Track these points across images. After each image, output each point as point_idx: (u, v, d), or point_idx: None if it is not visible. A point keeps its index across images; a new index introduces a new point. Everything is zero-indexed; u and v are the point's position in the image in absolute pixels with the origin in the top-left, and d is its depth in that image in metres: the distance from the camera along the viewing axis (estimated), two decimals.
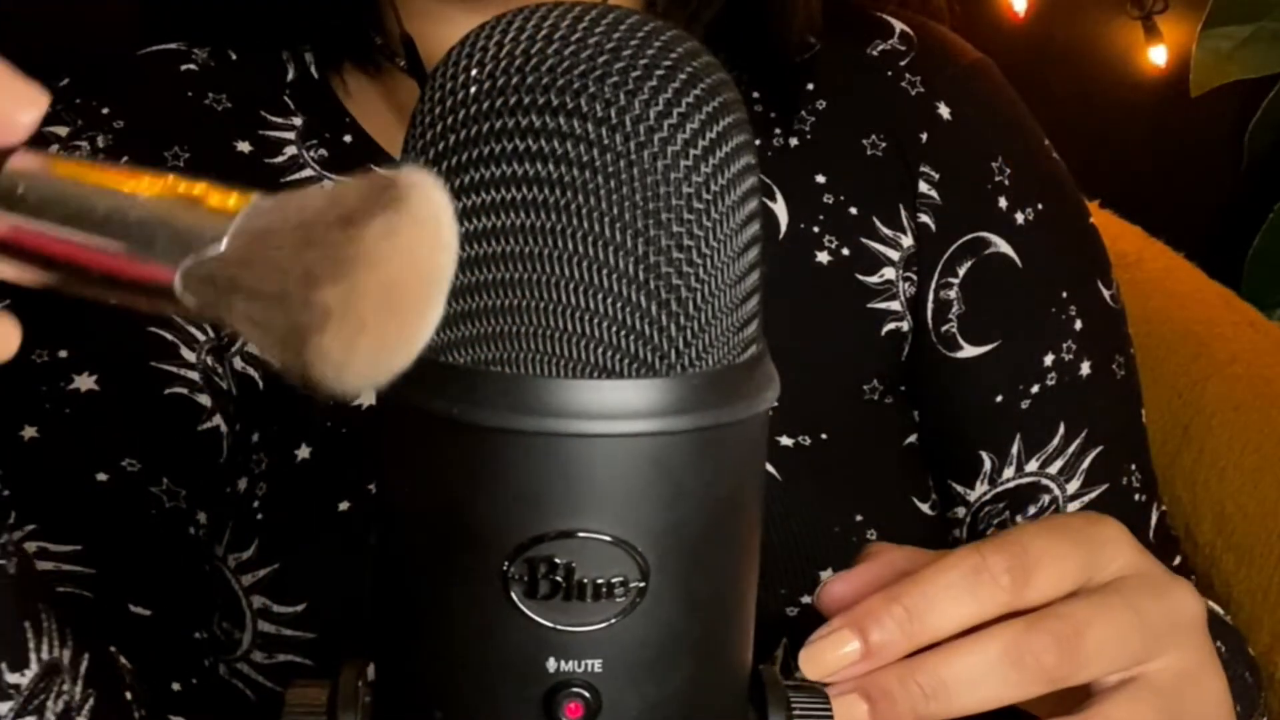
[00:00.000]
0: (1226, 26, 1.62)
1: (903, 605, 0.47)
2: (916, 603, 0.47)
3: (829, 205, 0.78)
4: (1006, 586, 0.48)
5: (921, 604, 0.47)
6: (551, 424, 0.33)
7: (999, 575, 0.48)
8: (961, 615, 0.48)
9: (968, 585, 0.48)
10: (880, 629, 0.47)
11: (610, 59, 0.34)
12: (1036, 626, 0.48)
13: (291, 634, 0.69)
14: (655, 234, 0.33)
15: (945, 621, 0.47)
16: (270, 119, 0.77)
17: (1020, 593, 0.48)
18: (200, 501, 0.71)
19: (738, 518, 0.36)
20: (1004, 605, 0.48)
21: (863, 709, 0.46)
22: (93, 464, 0.71)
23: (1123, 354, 0.82)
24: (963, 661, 0.47)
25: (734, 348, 0.36)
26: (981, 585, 0.48)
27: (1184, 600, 0.52)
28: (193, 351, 0.72)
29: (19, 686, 0.57)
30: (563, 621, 0.34)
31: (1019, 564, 0.48)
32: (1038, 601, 0.49)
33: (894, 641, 0.47)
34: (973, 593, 0.48)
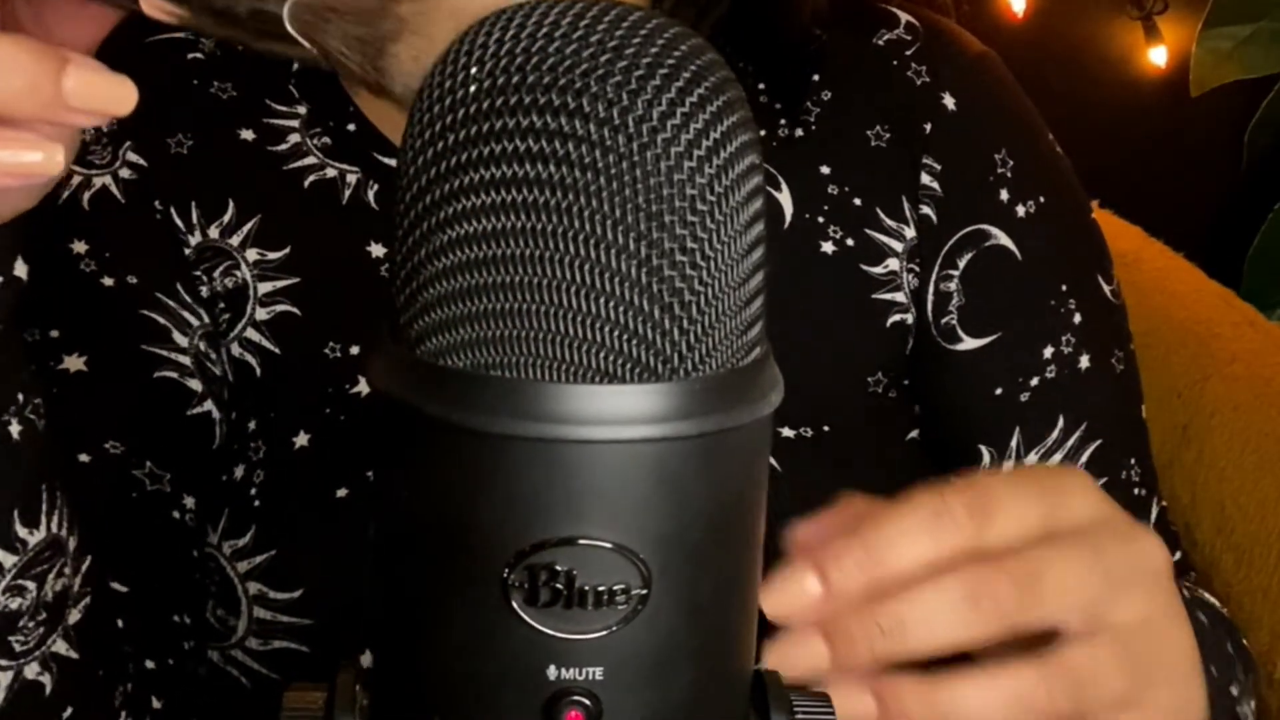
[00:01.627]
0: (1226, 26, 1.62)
1: (862, 545, 0.47)
2: (876, 542, 0.47)
3: (833, 196, 0.78)
4: (966, 527, 0.48)
5: (881, 544, 0.47)
6: (552, 429, 0.33)
7: (959, 516, 0.48)
8: (920, 554, 0.48)
9: (928, 526, 0.48)
10: (839, 569, 0.47)
11: (613, 57, 0.33)
12: (995, 566, 0.48)
13: (288, 620, 0.69)
14: (658, 236, 0.33)
15: (904, 561, 0.47)
16: (275, 107, 0.78)
17: (980, 534, 0.48)
18: (188, 486, 0.71)
19: (741, 523, 0.36)
20: (963, 546, 0.48)
21: (822, 647, 0.46)
22: (75, 444, 0.71)
23: (1122, 349, 0.82)
24: (921, 600, 0.47)
25: (738, 351, 0.35)
26: (942, 526, 0.48)
27: (1149, 548, 0.52)
28: (185, 336, 0.72)
29: (26, 544, 0.59)
30: (563, 629, 0.34)
31: (980, 505, 0.49)
32: (998, 544, 0.49)
33: (853, 580, 0.47)
34: (932, 533, 0.48)
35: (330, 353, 0.74)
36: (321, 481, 0.70)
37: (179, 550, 0.71)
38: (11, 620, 0.59)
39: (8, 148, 0.42)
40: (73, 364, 0.72)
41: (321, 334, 0.74)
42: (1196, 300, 1.06)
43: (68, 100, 0.41)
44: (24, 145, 0.42)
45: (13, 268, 0.56)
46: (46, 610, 0.61)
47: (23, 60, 0.41)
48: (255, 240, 0.75)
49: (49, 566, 0.60)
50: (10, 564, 0.58)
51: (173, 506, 0.70)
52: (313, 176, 0.76)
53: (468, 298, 0.34)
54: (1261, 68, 1.62)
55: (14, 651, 0.60)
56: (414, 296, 0.35)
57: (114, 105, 0.42)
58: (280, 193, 0.76)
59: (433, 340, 0.35)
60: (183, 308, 0.73)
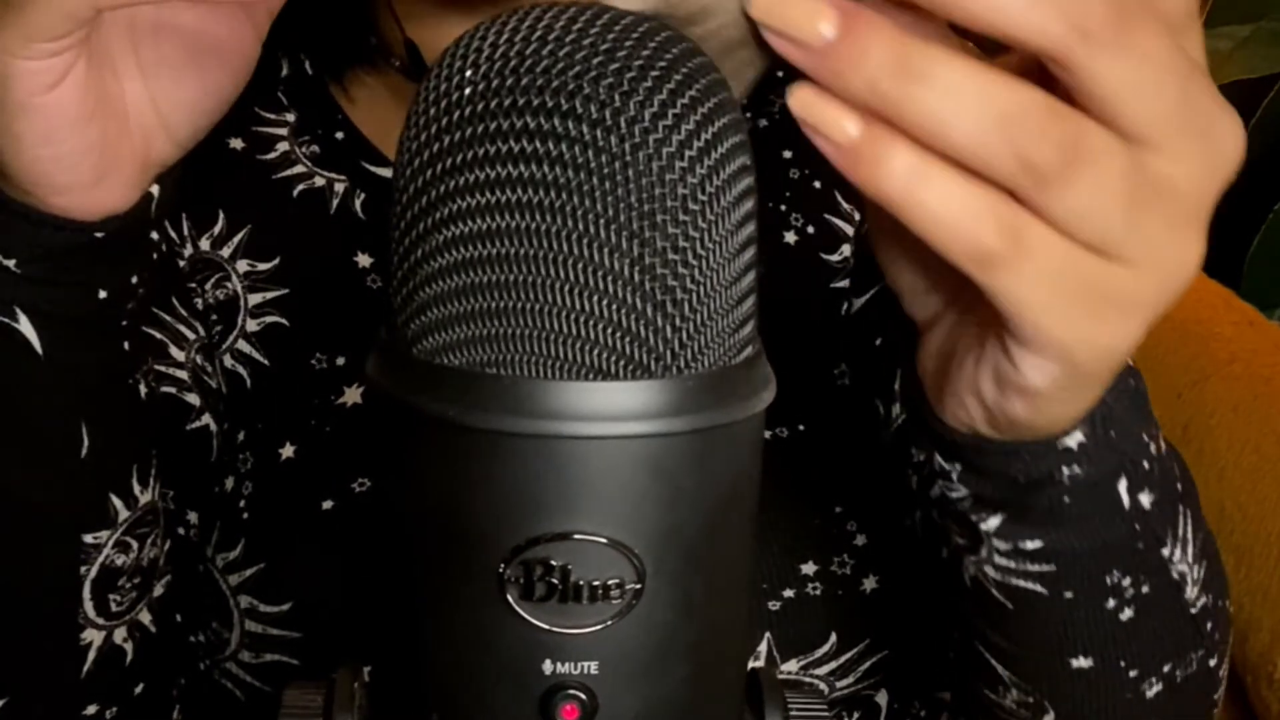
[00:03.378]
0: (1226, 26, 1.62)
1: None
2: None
3: (794, 180, 0.79)
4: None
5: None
6: (547, 426, 0.33)
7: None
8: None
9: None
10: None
11: (605, 60, 0.34)
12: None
13: (278, 633, 0.69)
14: (650, 236, 0.33)
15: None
16: (263, 115, 0.78)
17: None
18: (189, 501, 0.72)
19: (734, 519, 0.36)
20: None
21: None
22: None
23: None
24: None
25: (730, 349, 0.36)
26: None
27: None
28: (181, 350, 0.72)
29: (137, 501, 0.62)
30: (559, 624, 0.34)
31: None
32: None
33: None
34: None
35: (316, 363, 0.74)
36: (308, 493, 0.70)
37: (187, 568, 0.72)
38: (113, 577, 0.61)
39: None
40: None
41: (308, 345, 0.74)
42: (1196, 300, 1.06)
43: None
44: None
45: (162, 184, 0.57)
46: (140, 575, 0.63)
47: None
48: (245, 251, 0.75)
49: (149, 530, 0.63)
50: (124, 517, 0.61)
51: (177, 523, 0.71)
52: (301, 185, 0.77)
53: (463, 297, 0.34)
54: (1261, 68, 1.62)
55: (110, 611, 0.62)
56: (410, 296, 0.36)
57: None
58: (269, 203, 0.76)
59: (429, 339, 0.35)
60: (179, 321, 0.73)
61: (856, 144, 0.36)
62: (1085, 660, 0.55)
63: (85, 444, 0.58)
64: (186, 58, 0.54)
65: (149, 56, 0.54)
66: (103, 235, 0.54)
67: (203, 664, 0.73)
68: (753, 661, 0.69)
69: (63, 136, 0.51)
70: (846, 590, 0.70)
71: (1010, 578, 0.52)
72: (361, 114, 0.78)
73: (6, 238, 0.54)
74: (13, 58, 0.48)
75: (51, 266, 0.54)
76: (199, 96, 0.55)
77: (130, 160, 0.54)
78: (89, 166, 0.52)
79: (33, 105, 0.49)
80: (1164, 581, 0.54)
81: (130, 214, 0.55)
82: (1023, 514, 0.49)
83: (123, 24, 0.53)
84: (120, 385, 0.60)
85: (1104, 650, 0.54)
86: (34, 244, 0.54)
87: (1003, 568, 0.52)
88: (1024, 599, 0.52)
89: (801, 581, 0.69)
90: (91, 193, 0.53)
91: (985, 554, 0.51)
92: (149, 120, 0.54)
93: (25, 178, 0.52)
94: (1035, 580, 0.52)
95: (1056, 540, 0.50)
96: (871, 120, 0.36)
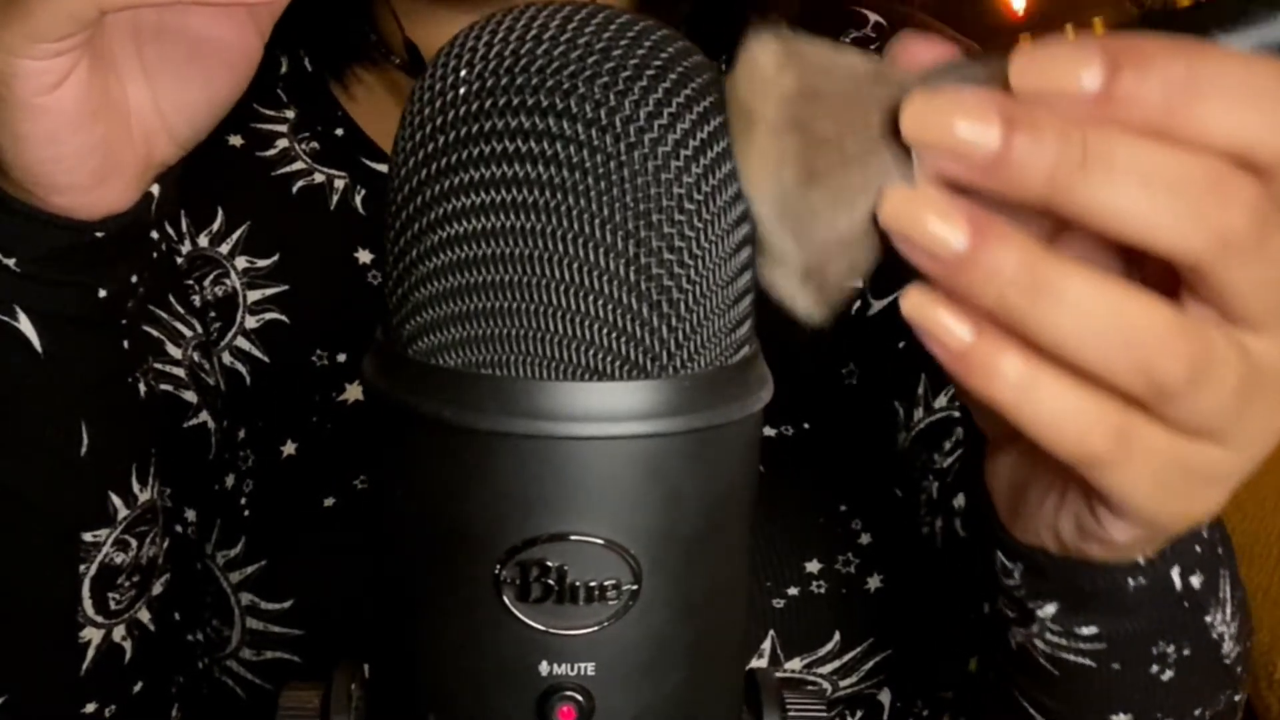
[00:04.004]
0: None
1: (1188, 67, 0.33)
2: (1208, 74, 0.33)
3: None
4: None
5: (1212, 79, 0.33)
6: (543, 426, 0.33)
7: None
8: (1238, 126, 0.33)
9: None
10: (1142, 75, 0.33)
11: (600, 59, 0.34)
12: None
13: (279, 631, 0.69)
14: (646, 235, 0.33)
15: (1218, 122, 0.33)
16: (262, 111, 0.78)
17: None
18: (188, 499, 0.72)
19: (731, 519, 0.36)
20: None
21: (994, 134, 0.33)
22: None
23: None
24: (1144, 155, 0.33)
25: (726, 349, 0.35)
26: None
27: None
28: (178, 348, 0.72)
29: (136, 499, 0.62)
30: (555, 625, 0.34)
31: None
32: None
33: (1147, 100, 0.33)
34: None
35: (317, 360, 0.74)
36: (309, 491, 0.70)
37: (185, 566, 0.72)
38: (113, 575, 0.61)
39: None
40: None
41: (308, 341, 0.74)
42: None
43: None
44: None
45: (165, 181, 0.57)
46: (140, 573, 0.63)
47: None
48: (244, 248, 0.75)
49: (148, 528, 0.63)
50: (123, 515, 0.61)
51: (175, 520, 0.71)
52: (301, 182, 0.77)
53: (458, 297, 0.34)
54: None
55: (109, 610, 0.62)
56: (406, 296, 0.35)
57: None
58: (269, 199, 0.76)
59: (425, 339, 0.35)
60: (175, 319, 0.73)
61: (969, 351, 0.35)
62: (1124, 715, 0.55)
63: (85, 442, 0.58)
64: (189, 59, 0.54)
65: (151, 57, 0.54)
66: (103, 235, 0.54)
67: (203, 662, 0.73)
68: (756, 660, 0.69)
69: (65, 136, 0.51)
70: (851, 589, 0.70)
71: (1060, 652, 0.52)
72: (361, 110, 0.78)
73: (7, 237, 0.54)
74: (16, 57, 0.48)
75: (52, 266, 0.54)
76: (201, 97, 0.55)
77: (131, 160, 0.54)
78: (90, 166, 0.52)
79: (35, 105, 0.49)
80: (1205, 642, 0.55)
81: (131, 214, 0.55)
82: (1079, 606, 0.50)
83: (126, 25, 0.53)
84: (120, 384, 0.60)
85: (1144, 706, 0.55)
86: (35, 243, 0.54)
87: (1053, 644, 0.52)
88: (1072, 669, 0.53)
89: (806, 580, 0.69)
90: (93, 192, 0.53)
91: (1036, 629, 0.52)
92: (150, 121, 0.54)
93: (27, 177, 0.52)
94: (1085, 656, 0.52)
95: (1111, 626, 0.51)
96: (984, 325, 0.35)
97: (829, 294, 0.36)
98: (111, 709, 0.65)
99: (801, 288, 0.35)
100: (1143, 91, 0.33)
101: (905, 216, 0.34)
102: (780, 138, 0.34)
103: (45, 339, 0.55)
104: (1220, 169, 0.34)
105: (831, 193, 0.34)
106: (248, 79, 0.56)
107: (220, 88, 0.55)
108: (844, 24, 0.82)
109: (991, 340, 0.35)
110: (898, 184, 0.34)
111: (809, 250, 0.35)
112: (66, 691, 0.63)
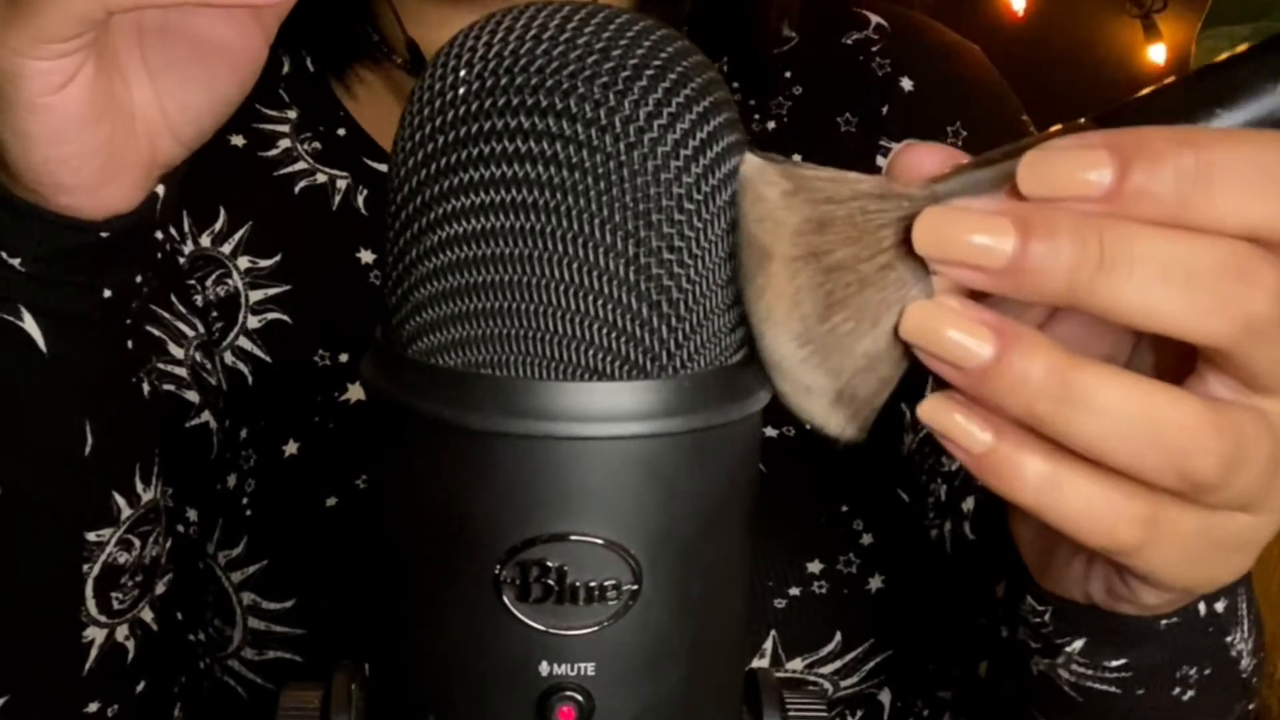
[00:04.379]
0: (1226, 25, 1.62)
1: (1196, 156, 0.33)
2: (1217, 161, 0.33)
3: None
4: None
5: (1222, 166, 0.33)
6: (543, 427, 0.33)
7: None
8: (1251, 209, 0.34)
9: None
10: (1152, 170, 0.33)
11: (600, 59, 0.34)
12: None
13: (281, 630, 0.69)
14: (645, 235, 0.33)
15: (1231, 207, 0.33)
16: (265, 112, 0.78)
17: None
18: (190, 499, 0.72)
19: (730, 519, 0.36)
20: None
21: (1009, 242, 0.33)
22: None
23: None
24: (1161, 248, 0.33)
25: (726, 349, 0.35)
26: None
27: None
28: (180, 347, 0.72)
29: (140, 499, 0.62)
30: (555, 625, 0.34)
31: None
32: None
33: (1159, 193, 0.33)
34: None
35: (319, 360, 0.74)
36: (311, 490, 0.70)
37: (187, 566, 0.72)
38: (115, 575, 0.61)
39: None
40: None
41: (311, 341, 0.75)
42: None
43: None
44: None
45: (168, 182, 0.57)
46: (143, 573, 0.63)
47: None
48: (246, 248, 0.75)
49: (151, 528, 0.63)
50: (126, 515, 0.61)
51: (177, 520, 0.71)
52: (303, 182, 0.77)
53: (458, 297, 0.34)
54: None
55: (112, 609, 0.62)
56: (406, 297, 0.35)
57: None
58: (271, 199, 0.76)
59: (424, 340, 0.35)
60: (177, 319, 0.73)
61: (989, 453, 0.35)
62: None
63: (89, 442, 0.58)
64: (194, 60, 0.54)
65: (157, 59, 0.54)
66: (108, 235, 0.54)
67: (205, 662, 0.73)
68: (757, 660, 0.69)
69: (70, 137, 0.51)
70: (852, 589, 0.70)
71: (1085, 681, 0.52)
72: (363, 110, 0.78)
73: (12, 236, 0.54)
74: (22, 58, 0.48)
75: (56, 265, 0.54)
76: (206, 99, 0.55)
77: (136, 161, 0.54)
78: (95, 167, 0.52)
79: (41, 105, 0.50)
80: (1224, 660, 0.55)
81: (136, 214, 0.55)
82: (1109, 643, 0.50)
83: (131, 26, 0.53)
84: (123, 383, 0.60)
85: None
86: (39, 243, 0.54)
87: (1079, 674, 0.52)
88: (1096, 696, 0.53)
89: (807, 580, 0.69)
90: (97, 193, 0.53)
91: (1061, 661, 0.52)
92: (155, 122, 0.55)
93: (32, 177, 0.52)
94: (1111, 684, 0.52)
95: (1140, 658, 0.51)
96: (1004, 428, 0.35)
97: (862, 413, 0.36)
98: (114, 708, 0.65)
99: (834, 412, 0.35)
100: (1154, 186, 0.33)
101: (928, 331, 0.34)
102: (796, 272, 0.34)
103: (49, 338, 0.55)
104: (1238, 255, 0.34)
105: (853, 317, 0.34)
106: (252, 80, 0.56)
107: (225, 89, 0.55)
108: (845, 25, 0.82)
109: (1013, 442, 0.35)
110: (917, 297, 0.34)
111: (838, 378, 0.35)
112: (69, 691, 0.63)
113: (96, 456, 0.59)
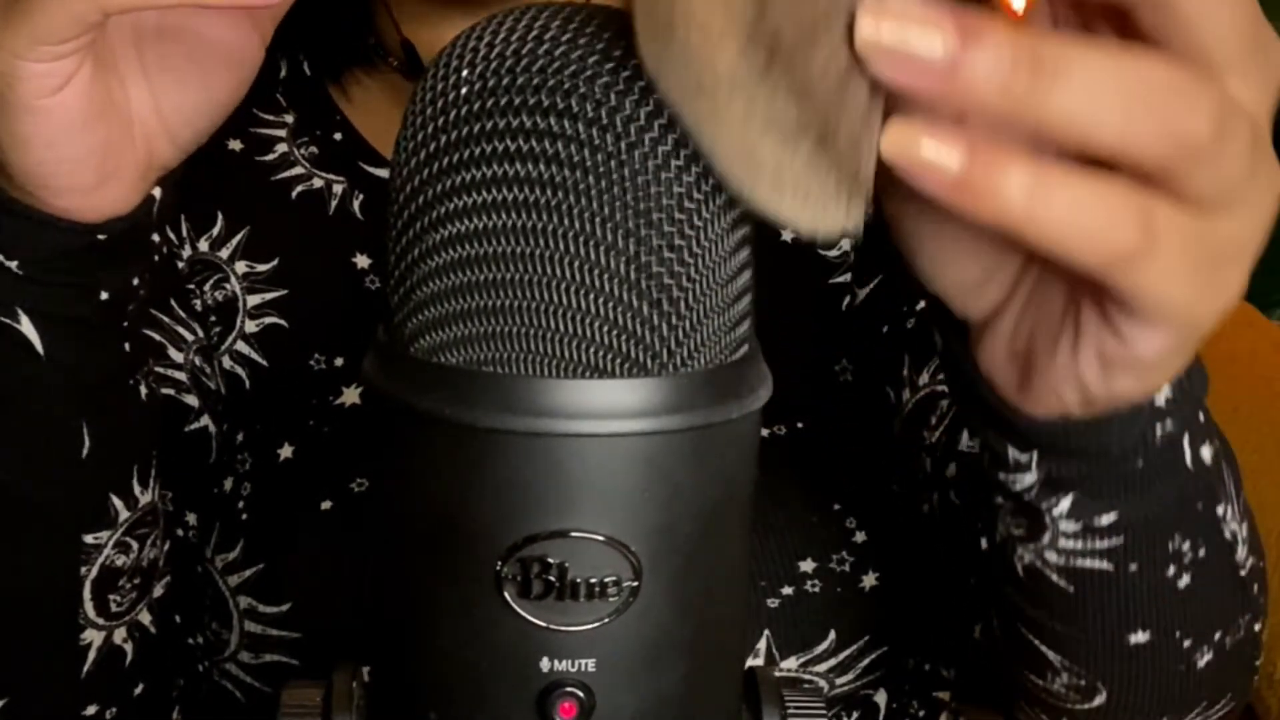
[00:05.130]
0: None
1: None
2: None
3: None
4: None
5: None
6: (544, 424, 0.33)
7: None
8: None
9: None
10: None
11: (600, 59, 0.34)
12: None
13: (278, 634, 0.69)
14: (646, 234, 0.34)
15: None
16: (262, 116, 0.78)
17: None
18: (189, 503, 0.72)
19: (730, 517, 0.36)
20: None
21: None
22: None
23: None
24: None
25: (726, 347, 0.36)
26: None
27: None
28: (180, 352, 0.73)
29: (137, 501, 0.62)
30: (556, 621, 0.35)
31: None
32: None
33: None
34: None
35: (315, 364, 0.74)
36: (306, 494, 0.71)
37: (186, 569, 0.72)
38: (114, 577, 0.62)
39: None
40: None
41: (306, 346, 0.75)
42: None
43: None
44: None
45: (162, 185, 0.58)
46: (140, 575, 0.63)
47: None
48: (244, 253, 0.76)
49: (149, 531, 0.63)
50: (124, 518, 0.61)
51: (176, 524, 0.71)
52: (300, 187, 0.77)
53: (460, 295, 0.34)
54: None
55: (110, 612, 0.62)
56: (407, 295, 0.36)
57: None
58: (268, 204, 0.77)
59: (426, 338, 0.35)
60: (177, 323, 0.74)
61: (966, 174, 0.33)
62: (1143, 635, 0.54)
63: (86, 444, 0.58)
64: (190, 62, 0.55)
65: (153, 61, 0.54)
66: (105, 237, 0.54)
67: (202, 665, 0.73)
68: (751, 659, 0.69)
69: (67, 139, 0.51)
70: (845, 587, 0.70)
71: (1075, 559, 0.50)
72: (360, 115, 0.78)
73: (8, 238, 0.54)
74: (19, 60, 0.48)
75: (53, 268, 0.54)
76: (202, 101, 0.55)
77: (133, 163, 0.54)
78: (92, 169, 0.53)
79: (38, 107, 0.50)
80: (1218, 543, 0.53)
81: (132, 216, 0.55)
82: (1098, 489, 0.48)
83: (128, 28, 0.53)
84: (121, 386, 0.60)
85: (1162, 622, 0.53)
86: (36, 245, 0.54)
87: (1067, 550, 0.50)
88: (1087, 579, 0.51)
89: (800, 579, 0.69)
90: (94, 195, 0.54)
91: (1048, 540, 0.50)
92: (152, 124, 0.55)
93: (29, 179, 0.52)
94: (1102, 557, 0.50)
95: (1129, 509, 0.48)
96: (976, 144, 0.32)
97: (849, 167, 0.33)
98: (112, 711, 0.65)
99: (826, 175, 0.33)
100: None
101: (887, 31, 0.32)
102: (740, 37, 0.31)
103: (46, 341, 0.56)
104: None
105: (804, 37, 0.32)
106: (249, 82, 0.56)
107: (221, 91, 0.55)
108: None
109: (988, 156, 0.33)
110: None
111: (809, 109, 0.32)
112: (67, 694, 0.63)
113: (94, 459, 0.59)
